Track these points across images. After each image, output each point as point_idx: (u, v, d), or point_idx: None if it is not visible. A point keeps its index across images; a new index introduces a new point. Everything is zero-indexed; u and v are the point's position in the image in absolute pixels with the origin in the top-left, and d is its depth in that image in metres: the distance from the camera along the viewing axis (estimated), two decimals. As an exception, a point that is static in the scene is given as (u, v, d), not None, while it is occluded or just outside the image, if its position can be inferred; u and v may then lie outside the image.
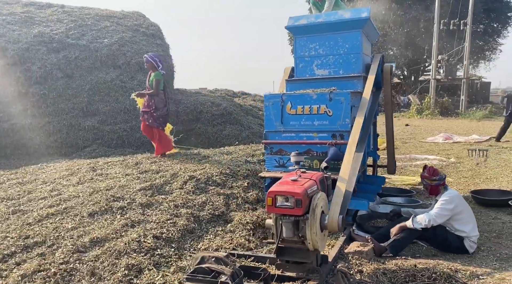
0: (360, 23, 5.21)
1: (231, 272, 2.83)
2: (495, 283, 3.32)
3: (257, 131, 10.65)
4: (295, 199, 3.12)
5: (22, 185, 5.47)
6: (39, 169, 6.27)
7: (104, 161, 6.46)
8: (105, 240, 3.81)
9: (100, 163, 6.28)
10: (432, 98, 21.54)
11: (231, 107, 10.73)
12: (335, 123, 4.59)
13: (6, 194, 5.10)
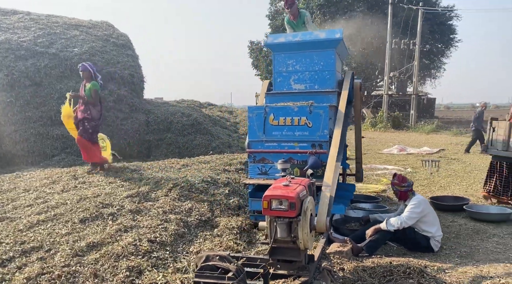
0: (334, 43, 5.67)
1: (235, 269, 3.09)
2: (459, 276, 3.78)
3: (226, 141, 10.92)
4: (289, 202, 3.43)
5: (2, 193, 5.42)
6: (16, 177, 6.20)
7: (83, 170, 6.48)
8: (102, 244, 3.94)
9: (79, 172, 6.30)
10: (385, 112, 22.79)
11: (201, 118, 10.96)
12: (314, 134, 4.97)
13: (-13, 202, 5.06)
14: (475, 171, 10.02)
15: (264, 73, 33.66)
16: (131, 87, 10.20)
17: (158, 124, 10.22)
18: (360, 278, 3.76)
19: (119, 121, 9.56)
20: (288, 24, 7.08)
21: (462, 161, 11.72)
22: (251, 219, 5.10)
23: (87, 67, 6.54)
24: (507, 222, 5.52)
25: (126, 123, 9.71)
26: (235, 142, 11.32)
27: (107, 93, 9.63)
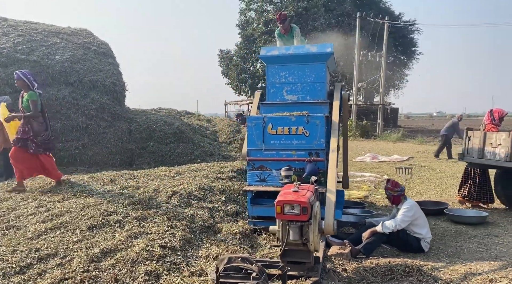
0: (325, 57, 6.01)
1: (258, 270, 3.29)
2: (451, 273, 4.13)
3: (207, 150, 11.05)
4: (301, 206, 3.69)
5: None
6: (8, 186, 6.10)
7: (74, 178, 6.47)
8: (115, 251, 4.04)
9: (72, 180, 6.29)
10: (354, 121, 23.59)
11: (183, 126, 11.05)
12: (311, 143, 5.26)
13: (-15, 212, 5.00)
14: (445, 177, 10.64)
15: (235, 82, 34.01)
16: (114, 96, 10.17)
17: (140, 133, 10.24)
18: (363, 277, 4.05)
19: (101, 129, 9.51)
20: (279, 37, 7.39)
21: (432, 168, 12.40)
22: (250, 225, 5.28)
23: (20, 76, 5.90)
24: (484, 224, 5.98)
25: (109, 132, 9.68)
26: (216, 150, 11.48)
27: (89, 101, 9.57)
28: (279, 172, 5.39)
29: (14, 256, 3.76)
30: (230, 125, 13.38)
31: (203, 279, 3.79)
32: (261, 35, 31.08)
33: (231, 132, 12.91)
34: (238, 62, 33.70)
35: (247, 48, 32.78)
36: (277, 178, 5.40)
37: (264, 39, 30.48)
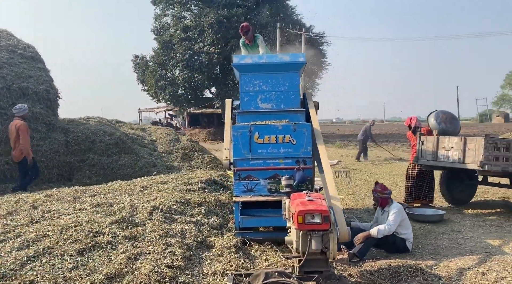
0: (298, 66, 6.13)
1: (298, 282, 3.23)
2: (446, 270, 4.45)
3: (150, 160, 10.54)
4: (322, 215, 3.70)
5: None
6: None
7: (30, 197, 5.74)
8: (121, 275, 3.71)
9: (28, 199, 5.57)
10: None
11: (124, 136, 10.39)
12: (298, 151, 5.32)
13: None
14: (380, 179, 11.39)
15: (154, 88, 32.85)
16: (47, 104, 9.19)
17: (79, 145, 9.39)
18: (372, 281, 4.16)
19: (35, 142, 8.52)
20: (243, 46, 7.36)
21: (364, 171, 13.22)
22: (238, 237, 5.15)
23: None
24: (442, 221, 6.52)
25: (44, 144, 8.72)
26: (158, 160, 10.99)
27: (19, 111, 8.52)
28: (267, 181, 5.36)
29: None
30: (168, 134, 12.92)
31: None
32: (180, 41, 30.51)
33: (170, 141, 12.46)
34: (156, 69, 32.65)
35: (165, 54, 31.91)
36: (265, 187, 5.36)
37: (184, 45, 29.98)
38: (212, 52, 28.73)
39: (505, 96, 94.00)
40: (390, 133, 39.68)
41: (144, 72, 34.85)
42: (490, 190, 8.81)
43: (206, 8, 30.46)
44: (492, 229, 6.02)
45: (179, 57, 30.34)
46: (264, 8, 30.21)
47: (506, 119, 79.55)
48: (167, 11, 35.28)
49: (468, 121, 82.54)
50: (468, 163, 6.29)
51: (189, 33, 30.68)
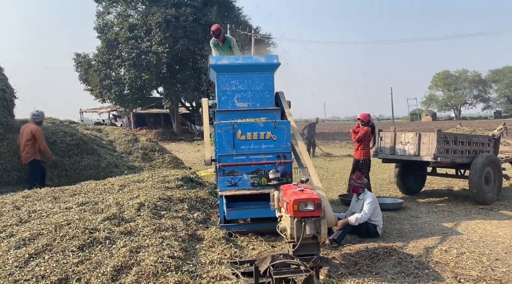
0: (273, 67, 6.53)
1: (303, 263, 3.58)
2: (413, 249, 5.02)
3: (111, 161, 10.40)
4: (315, 203, 4.10)
5: None
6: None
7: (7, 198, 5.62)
8: (128, 267, 3.87)
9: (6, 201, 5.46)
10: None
11: (85, 137, 10.18)
12: (279, 146, 5.70)
13: None
14: (336, 173, 12.11)
15: (98, 88, 31.80)
16: (3, 104, 8.81)
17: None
18: (354, 261, 4.62)
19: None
20: (214, 47, 7.59)
21: (319, 167, 13.88)
22: (223, 229, 5.42)
23: None
24: (400, 209, 7.18)
25: (2, 146, 8.33)
26: (120, 161, 10.88)
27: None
28: (250, 176, 5.68)
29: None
30: (126, 135, 12.74)
31: (227, 282, 3.87)
32: (126, 40, 29.82)
33: (128, 141, 12.32)
34: (100, 68, 31.63)
35: (110, 53, 31.01)
36: (248, 181, 5.68)
37: (131, 44, 29.34)
38: (161, 51, 28.39)
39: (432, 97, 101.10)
40: (333, 132, 41.36)
41: (87, 71, 33.65)
42: (435, 181, 9.75)
43: (153, 7, 30.03)
44: (444, 214, 6.76)
45: (125, 56, 29.64)
46: (212, 8, 30.35)
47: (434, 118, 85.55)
48: (111, 9, 34.33)
49: (400, 120, 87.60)
50: (423, 156, 7.00)
51: (136, 32, 30.08)
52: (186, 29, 28.82)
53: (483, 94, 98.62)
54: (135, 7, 33.47)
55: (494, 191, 7.40)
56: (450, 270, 4.31)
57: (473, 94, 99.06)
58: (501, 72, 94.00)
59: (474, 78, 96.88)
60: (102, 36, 32.41)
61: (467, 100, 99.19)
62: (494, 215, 6.62)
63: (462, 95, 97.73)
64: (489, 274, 4.18)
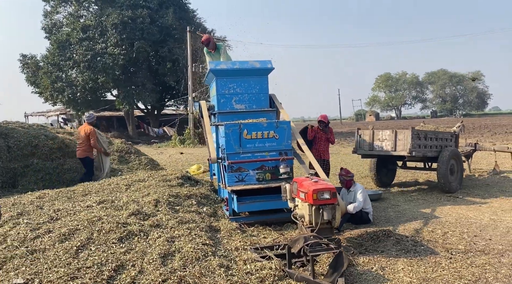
0: (267, 71, 7.08)
1: (333, 242, 4.14)
2: (404, 231, 5.73)
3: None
4: (331, 192, 4.69)
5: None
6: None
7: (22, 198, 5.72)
8: (170, 254, 4.28)
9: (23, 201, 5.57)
10: (191, 130, 24.64)
11: (67, 140, 10.13)
12: (281, 144, 6.24)
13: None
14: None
15: (49, 91, 30.61)
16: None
17: (21, 149, 8.97)
18: (359, 243, 5.26)
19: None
20: (207, 53, 8.05)
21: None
22: (232, 222, 5.88)
23: None
24: (380, 200, 7.96)
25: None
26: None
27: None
28: (255, 172, 6.18)
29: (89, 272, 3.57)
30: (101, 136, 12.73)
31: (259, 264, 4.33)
32: (79, 41, 28.99)
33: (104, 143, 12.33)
34: (51, 70, 30.49)
35: (61, 54, 29.98)
36: (254, 177, 6.17)
37: (85, 46, 28.57)
38: (117, 53, 27.93)
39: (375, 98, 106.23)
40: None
41: (35, 73, 32.31)
42: (402, 174, 10.73)
43: (107, 8, 29.46)
44: (420, 202, 7.63)
45: (79, 58, 28.82)
46: (168, 10, 30.29)
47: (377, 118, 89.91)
48: (59, 8, 33.22)
49: (345, 120, 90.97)
50: (400, 151, 7.84)
51: (89, 33, 29.36)
52: (143, 31, 28.58)
53: (420, 95, 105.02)
54: (88, 7, 32.63)
55: (457, 180, 8.40)
56: (441, 245, 5.06)
57: (412, 95, 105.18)
58: (436, 74, 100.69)
59: (412, 80, 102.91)
60: (52, 37, 31.27)
61: (406, 101, 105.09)
62: (461, 201, 7.58)
63: (402, 96, 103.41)
64: (473, 247, 4.98)
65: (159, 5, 30.88)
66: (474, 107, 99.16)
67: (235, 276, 3.92)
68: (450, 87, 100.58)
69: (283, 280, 3.99)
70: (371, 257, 4.70)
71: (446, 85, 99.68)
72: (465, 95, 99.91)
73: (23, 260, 3.85)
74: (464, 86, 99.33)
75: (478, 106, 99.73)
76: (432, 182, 9.61)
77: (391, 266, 4.43)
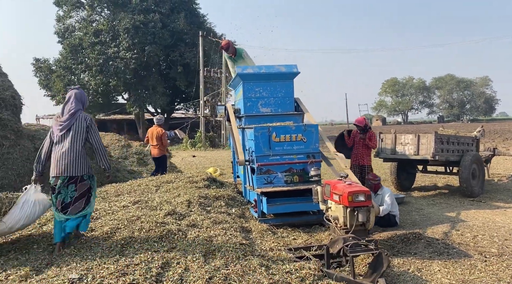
0: (293, 75, 7.18)
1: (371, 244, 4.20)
2: (433, 234, 5.77)
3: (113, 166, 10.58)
4: (366, 194, 4.75)
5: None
6: None
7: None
8: (211, 252, 4.35)
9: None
10: (202, 133, 24.82)
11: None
12: (309, 147, 6.32)
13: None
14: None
15: (62, 93, 30.92)
16: (13, 111, 8.79)
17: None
18: (390, 245, 5.31)
19: (5, 149, 8.16)
20: (229, 59, 8.17)
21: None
22: (261, 223, 5.96)
23: None
24: (402, 203, 8.00)
25: (14, 152, 8.35)
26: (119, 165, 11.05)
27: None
28: (284, 174, 6.26)
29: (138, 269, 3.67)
30: (118, 140, 12.91)
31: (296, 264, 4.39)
32: (91, 45, 29.33)
33: (122, 147, 12.50)
34: (64, 73, 30.82)
35: (73, 58, 30.33)
36: (282, 179, 6.25)
37: (97, 50, 28.88)
38: (129, 57, 28.21)
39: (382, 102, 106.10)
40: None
41: (47, 77, 32.66)
42: (420, 179, 10.76)
43: (120, 12, 29.79)
44: (443, 206, 7.67)
45: (91, 62, 29.14)
46: (179, 15, 30.56)
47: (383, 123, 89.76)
48: (72, 13, 33.62)
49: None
50: (423, 155, 7.89)
51: (101, 37, 29.69)
52: (155, 35, 28.85)
53: (427, 100, 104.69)
54: (100, 12, 32.99)
55: (479, 185, 8.43)
56: (473, 249, 5.11)
57: (418, 100, 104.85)
58: (443, 79, 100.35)
59: (419, 85, 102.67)
60: (64, 41, 31.63)
61: (413, 106, 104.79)
62: (484, 206, 7.61)
63: (409, 101, 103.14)
64: (506, 250, 5.02)
65: (170, 10, 31.18)
66: (481, 112, 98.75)
67: (276, 275, 3.98)
68: (457, 92, 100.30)
69: (322, 280, 4.05)
70: (404, 259, 4.76)
71: (453, 90, 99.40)
72: (472, 101, 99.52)
73: (73, 257, 3.95)
74: (471, 92, 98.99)
75: (485, 111, 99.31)
76: (452, 186, 9.64)
77: (427, 268, 4.49)
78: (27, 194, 4.54)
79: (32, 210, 4.49)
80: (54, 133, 4.60)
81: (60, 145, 4.54)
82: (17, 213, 4.37)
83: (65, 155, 4.48)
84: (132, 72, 29.90)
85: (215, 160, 18.78)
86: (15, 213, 4.35)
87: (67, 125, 4.59)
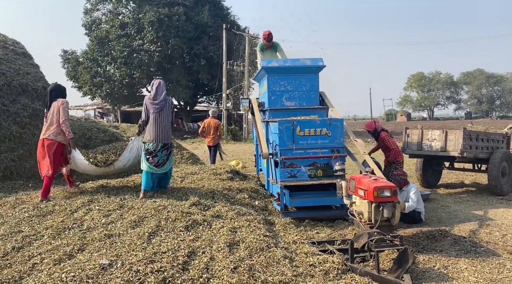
0: (318, 69, 7.11)
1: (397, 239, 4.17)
2: (460, 232, 5.68)
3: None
4: (392, 190, 4.70)
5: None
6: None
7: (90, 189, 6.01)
8: (235, 243, 4.40)
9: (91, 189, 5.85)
10: (225, 126, 24.96)
11: (117, 134, 10.49)
12: (333, 142, 6.28)
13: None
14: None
15: (88, 85, 31.59)
16: (44, 101, 9.06)
17: (77, 141, 9.36)
18: (415, 242, 5.25)
19: (36, 139, 8.37)
20: (260, 50, 8.12)
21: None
22: (284, 216, 5.97)
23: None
24: (428, 200, 7.87)
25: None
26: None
27: (20, 108, 8.36)
28: (307, 168, 6.24)
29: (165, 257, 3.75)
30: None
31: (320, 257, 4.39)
32: (117, 38, 29.78)
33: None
34: (91, 65, 31.43)
35: (100, 50, 30.88)
36: (305, 173, 6.24)
37: (122, 42, 29.31)
38: (153, 50, 28.53)
39: (407, 97, 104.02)
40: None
41: (75, 68, 33.36)
42: (446, 176, 10.56)
43: (145, 5, 30.12)
44: (470, 203, 7.53)
45: (116, 54, 29.61)
46: (204, 8, 30.68)
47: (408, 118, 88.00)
48: (99, 6, 34.16)
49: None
50: (450, 151, 7.74)
51: (127, 30, 30.11)
52: (179, 29, 29.08)
53: (454, 96, 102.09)
54: (126, 5, 33.42)
55: (508, 183, 8.21)
56: (501, 248, 5.00)
57: (445, 95, 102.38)
58: (472, 74, 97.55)
59: (446, 80, 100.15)
60: (91, 34, 32.22)
61: (440, 101, 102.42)
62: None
63: (435, 97, 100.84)
64: (535, 249, 4.89)
65: (194, 3, 31.33)
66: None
67: (300, 268, 4.01)
68: (486, 88, 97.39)
69: (346, 274, 4.05)
70: (430, 256, 4.71)
71: (482, 86, 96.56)
72: (503, 97, 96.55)
73: (102, 243, 4.08)
74: (502, 87, 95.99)
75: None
76: (480, 184, 9.43)
77: (453, 265, 4.43)
78: (133, 142, 6.43)
79: (136, 153, 6.38)
80: (150, 111, 6.05)
81: (158, 120, 5.99)
82: (127, 154, 6.36)
83: (164, 128, 6.02)
84: (156, 65, 30.25)
85: (237, 153, 18.86)
86: (126, 155, 6.35)
87: (162, 106, 6.05)
